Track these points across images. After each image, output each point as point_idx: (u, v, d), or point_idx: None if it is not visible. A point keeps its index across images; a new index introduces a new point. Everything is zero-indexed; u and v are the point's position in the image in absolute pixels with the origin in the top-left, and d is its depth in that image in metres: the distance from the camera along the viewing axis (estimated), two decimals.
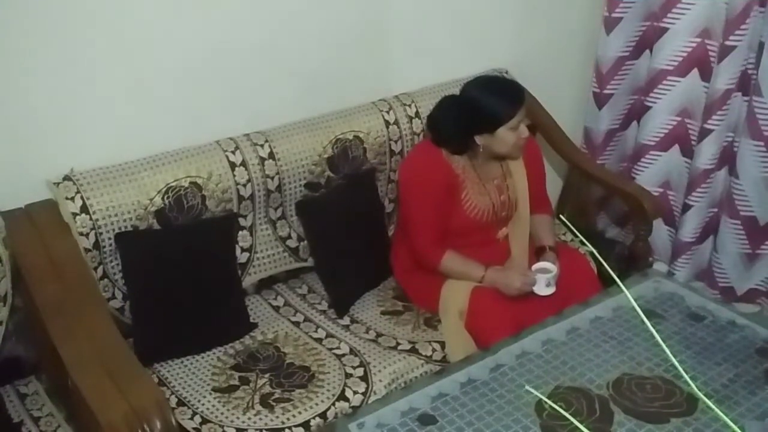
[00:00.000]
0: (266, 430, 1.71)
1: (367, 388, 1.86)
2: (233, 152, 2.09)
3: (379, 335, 2.06)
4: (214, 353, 1.96)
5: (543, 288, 2.03)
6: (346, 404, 1.81)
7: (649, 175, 2.90)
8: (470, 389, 1.58)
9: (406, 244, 2.20)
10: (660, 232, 2.90)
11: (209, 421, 1.72)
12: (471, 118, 2.02)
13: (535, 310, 1.97)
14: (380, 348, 2.00)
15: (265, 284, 2.26)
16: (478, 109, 2.01)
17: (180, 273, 1.94)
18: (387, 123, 2.36)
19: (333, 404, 1.80)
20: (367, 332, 2.07)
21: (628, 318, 1.81)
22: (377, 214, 2.37)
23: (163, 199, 1.96)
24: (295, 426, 1.73)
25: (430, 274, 2.12)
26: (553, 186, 2.95)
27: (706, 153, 2.66)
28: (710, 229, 2.83)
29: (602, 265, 2.04)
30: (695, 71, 2.69)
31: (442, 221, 2.10)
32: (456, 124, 2.04)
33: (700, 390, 1.06)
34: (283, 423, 1.73)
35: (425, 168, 2.11)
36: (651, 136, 2.86)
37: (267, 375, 1.88)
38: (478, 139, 2.04)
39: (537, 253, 2.19)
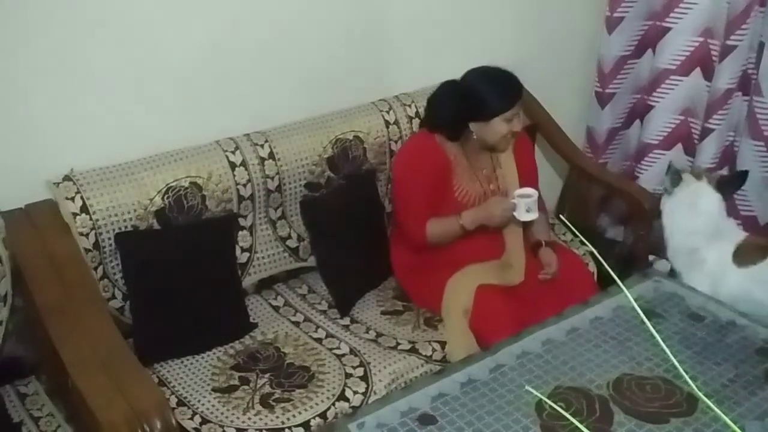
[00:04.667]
0: (266, 430, 1.71)
1: (367, 388, 1.86)
2: (233, 152, 2.09)
3: (379, 335, 2.06)
4: (214, 353, 1.96)
5: (524, 213, 2.03)
6: (346, 404, 1.81)
7: (652, 174, 2.90)
8: (470, 389, 1.57)
9: (403, 242, 2.21)
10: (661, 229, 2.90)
11: (209, 421, 1.72)
12: (469, 105, 2.05)
13: (538, 309, 1.97)
14: (380, 348, 1.99)
15: (265, 284, 2.26)
16: (478, 96, 2.04)
17: (180, 273, 1.94)
18: (387, 123, 2.36)
19: (333, 404, 1.80)
20: (367, 332, 2.07)
21: (628, 318, 1.80)
22: (378, 214, 2.37)
23: (163, 199, 1.96)
24: (295, 426, 1.73)
25: (432, 273, 2.13)
26: (553, 186, 2.95)
27: (708, 152, 2.67)
28: None
29: (602, 265, 2.05)
30: (698, 70, 2.69)
31: (431, 204, 2.11)
32: (454, 108, 2.08)
33: (700, 390, 1.05)
34: (283, 423, 1.73)
35: (417, 152, 2.15)
36: (654, 135, 2.86)
37: (267, 375, 1.88)
38: (473, 126, 2.07)
39: (533, 248, 2.21)
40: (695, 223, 2.12)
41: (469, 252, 2.12)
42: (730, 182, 2.20)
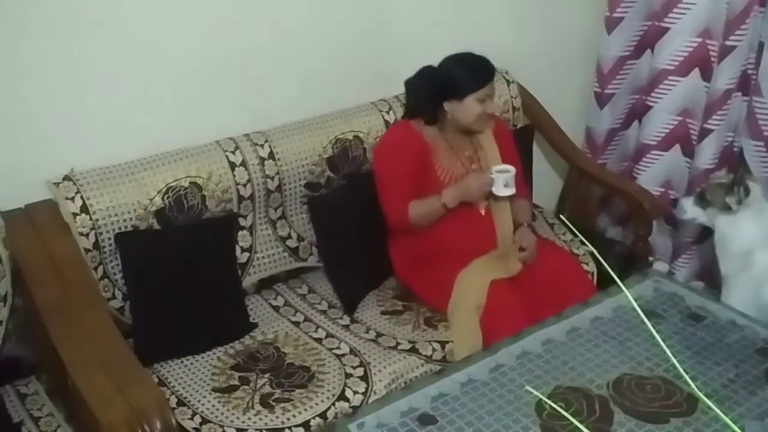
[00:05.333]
0: (266, 430, 1.71)
1: (367, 388, 1.86)
2: (233, 152, 2.09)
3: (379, 335, 2.06)
4: (214, 353, 1.96)
5: (501, 188, 2.07)
6: (346, 404, 1.81)
7: (650, 175, 2.90)
8: (470, 389, 1.58)
9: (403, 240, 2.23)
10: (661, 231, 2.90)
11: (209, 421, 1.72)
12: (443, 84, 2.12)
13: (538, 309, 1.97)
14: (380, 348, 1.99)
15: (265, 284, 2.26)
16: (451, 76, 2.11)
17: (180, 273, 1.94)
18: (387, 123, 2.36)
19: (333, 404, 1.80)
20: (367, 332, 2.07)
21: (628, 318, 1.81)
22: (378, 214, 2.36)
23: (163, 199, 1.97)
24: (295, 426, 1.73)
25: (435, 268, 2.14)
26: (553, 186, 2.96)
27: (707, 153, 2.67)
28: (711, 229, 2.82)
29: (602, 265, 2.05)
30: (696, 71, 2.69)
31: (414, 187, 2.13)
32: (428, 88, 2.14)
33: (700, 390, 1.05)
34: (283, 423, 1.73)
35: (395, 138, 2.20)
36: (652, 136, 2.86)
37: (267, 375, 1.88)
38: (447, 106, 2.12)
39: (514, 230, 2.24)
40: (762, 228, 2.13)
41: (466, 244, 2.14)
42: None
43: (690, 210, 2.30)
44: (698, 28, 2.62)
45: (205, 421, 1.72)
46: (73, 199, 1.86)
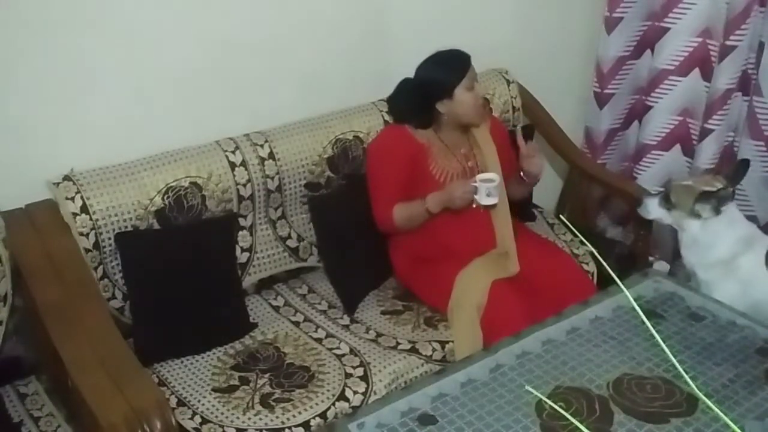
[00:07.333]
0: (266, 430, 1.71)
1: (367, 388, 1.86)
2: (233, 152, 2.09)
3: (379, 335, 2.06)
4: (214, 353, 1.96)
5: (484, 197, 2.06)
6: (346, 404, 1.81)
7: (650, 175, 2.90)
8: (470, 389, 1.57)
9: (402, 240, 2.23)
10: (662, 230, 2.90)
11: (209, 421, 1.72)
12: (427, 89, 2.12)
13: (537, 309, 1.97)
14: (380, 348, 2.00)
15: (265, 284, 2.26)
16: (431, 78, 2.11)
17: (180, 273, 1.94)
18: (387, 123, 2.36)
19: (333, 404, 1.80)
20: (367, 332, 2.07)
21: (628, 318, 1.80)
22: None
23: (163, 199, 1.97)
24: (295, 426, 1.73)
25: (435, 268, 2.14)
26: (553, 186, 2.96)
27: (707, 153, 2.67)
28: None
29: (602, 265, 2.05)
30: (696, 71, 2.69)
31: (401, 190, 2.14)
32: (413, 98, 2.15)
33: (700, 390, 1.05)
34: (283, 423, 1.73)
35: (387, 141, 2.20)
36: (653, 136, 2.86)
37: (267, 375, 1.88)
38: (440, 107, 2.12)
39: (519, 178, 2.25)
40: (739, 234, 2.09)
41: (465, 243, 2.14)
42: (735, 177, 2.18)
43: (654, 211, 2.21)
44: (698, 28, 2.63)
45: (205, 421, 1.72)
46: (73, 199, 1.86)
